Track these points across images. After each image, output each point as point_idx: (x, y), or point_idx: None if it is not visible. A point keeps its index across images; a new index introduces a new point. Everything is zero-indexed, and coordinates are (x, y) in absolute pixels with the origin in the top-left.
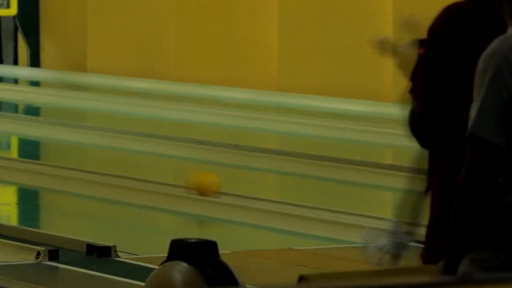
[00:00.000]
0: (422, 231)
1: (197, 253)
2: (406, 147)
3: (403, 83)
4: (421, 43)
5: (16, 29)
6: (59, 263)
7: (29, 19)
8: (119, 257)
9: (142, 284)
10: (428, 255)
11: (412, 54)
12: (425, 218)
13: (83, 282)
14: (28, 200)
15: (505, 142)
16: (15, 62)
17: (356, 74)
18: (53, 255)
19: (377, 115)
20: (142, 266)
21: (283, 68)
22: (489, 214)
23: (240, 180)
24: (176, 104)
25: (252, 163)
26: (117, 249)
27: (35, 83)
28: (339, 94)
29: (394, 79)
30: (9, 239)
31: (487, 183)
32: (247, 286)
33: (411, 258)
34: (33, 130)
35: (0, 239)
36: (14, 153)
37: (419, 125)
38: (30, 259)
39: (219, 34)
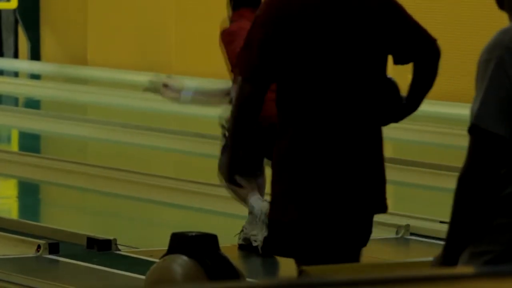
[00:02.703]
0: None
1: (197, 247)
2: (408, 141)
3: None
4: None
5: (16, 22)
6: (60, 256)
7: (29, 12)
8: (119, 250)
9: (143, 277)
10: (270, 213)
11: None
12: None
13: (83, 275)
14: (29, 194)
15: (508, 133)
16: (16, 55)
17: None
18: (54, 248)
19: None
20: (142, 259)
21: None
22: (491, 206)
23: None
24: None
25: None
26: (118, 242)
27: (35, 76)
28: None
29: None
30: (9, 233)
31: (490, 174)
32: (247, 279)
33: (413, 253)
34: (33, 123)
35: (1, 232)
36: (14, 146)
37: (249, 102)
38: (31, 252)
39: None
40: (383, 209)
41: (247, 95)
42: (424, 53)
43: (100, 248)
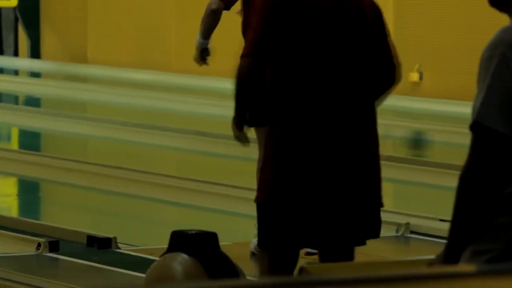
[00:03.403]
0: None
1: (197, 245)
2: (407, 139)
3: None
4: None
5: (16, 20)
6: (60, 254)
7: (29, 10)
8: (119, 248)
9: (143, 275)
10: (258, 196)
11: None
12: None
13: (83, 274)
14: (29, 192)
15: (510, 130)
16: (16, 53)
17: None
18: (54, 246)
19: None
20: (142, 258)
21: None
22: (492, 204)
23: (242, 172)
24: (176, 96)
25: (254, 155)
26: (118, 240)
27: (35, 75)
28: None
29: None
30: (9, 231)
31: (491, 172)
32: (248, 277)
33: (413, 251)
34: (33, 121)
35: (1, 230)
36: (14, 144)
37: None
38: (31, 250)
39: (219, 25)
40: (378, 201)
41: (245, 67)
42: (382, 74)
43: (100, 246)
